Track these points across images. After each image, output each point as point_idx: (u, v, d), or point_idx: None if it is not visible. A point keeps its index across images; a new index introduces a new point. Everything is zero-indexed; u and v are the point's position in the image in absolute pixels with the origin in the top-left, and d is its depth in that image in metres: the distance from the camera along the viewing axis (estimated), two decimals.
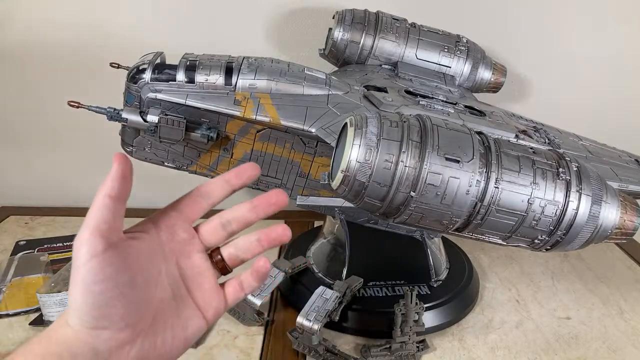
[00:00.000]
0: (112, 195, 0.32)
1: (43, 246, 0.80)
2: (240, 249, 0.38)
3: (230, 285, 0.38)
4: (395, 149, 0.46)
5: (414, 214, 0.48)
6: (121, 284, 0.31)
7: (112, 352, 0.32)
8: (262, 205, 0.38)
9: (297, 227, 0.89)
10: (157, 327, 0.34)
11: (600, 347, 0.63)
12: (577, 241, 0.50)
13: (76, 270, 0.31)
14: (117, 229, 0.32)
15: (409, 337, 0.57)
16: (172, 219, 0.37)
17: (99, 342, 0.31)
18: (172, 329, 0.35)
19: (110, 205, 0.31)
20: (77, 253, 0.31)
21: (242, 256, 0.38)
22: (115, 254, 0.31)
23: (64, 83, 0.87)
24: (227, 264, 0.38)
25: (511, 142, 0.52)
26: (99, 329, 0.31)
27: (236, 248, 0.38)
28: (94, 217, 0.31)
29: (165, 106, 0.56)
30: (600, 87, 0.95)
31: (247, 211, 0.38)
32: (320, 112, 0.56)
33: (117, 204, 0.32)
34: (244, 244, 0.38)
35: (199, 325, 0.36)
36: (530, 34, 0.91)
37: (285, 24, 0.87)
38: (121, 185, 0.32)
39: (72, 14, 0.84)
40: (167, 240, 0.36)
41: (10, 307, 0.65)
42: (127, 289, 0.32)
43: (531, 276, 0.78)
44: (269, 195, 0.38)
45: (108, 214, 0.31)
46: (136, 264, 0.33)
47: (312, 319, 0.56)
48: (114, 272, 0.31)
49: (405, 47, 0.73)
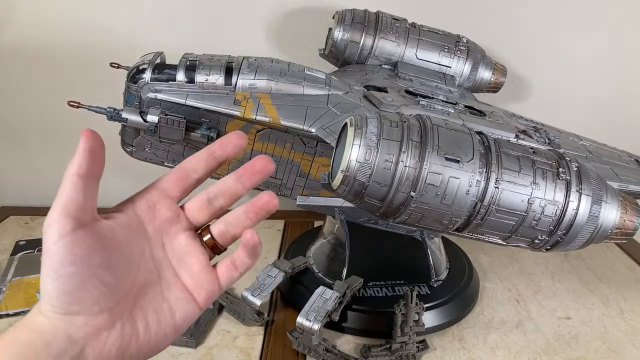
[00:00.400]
0: (80, 174, 0.30)
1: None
2: (230, 224, 0.36)
3: (222, 265, 0.36)
4: (395, 149, 0.46)
5: (414, 214, 0.48)
6: (94, 265, 0.30)
7: (88, 338, 0.30)
8: (247, 174, 0.36)
9: (297, 227, 0.89)
10: (139, 312, 0.32)
11: (600, 347, 0.63)
12: (577, 241, 0.50)
13: (45, 253, 0.29)
14: (89, 208, 0.30)
15: (409, 337, 0.57)
16: (153, 197, 0.35)
17: (72, 329, 0.30)
18: (157, 313, 0.33)
19: (78, 183, 0.30)
20: (45, 235, 0.29)
21: (232, 232, 0.36)
22: (86, 234, 0.30)
23: (64, 83, 0.87)
24: (218, 242, 0.36)
25: (511, 142, 0.52)
26: (71, 314, 0.30)
27: (225, 224, 0.36)
28: (62, 197, 0.29)
29: (165, 106, 0.56)
30: (600, 87, 0.95)
31: (232, 182, 0.36)
32: (320, 112, 0.56)
33: (86, 182, 0.30)
34: (232, 219, 0.36)
35: (189, 310, 0.34)
36: (530, 33, 0.91)
37: (285, 24, 0.87)
38: (90, 162, 0.30)
39: (72, 13, 0.84)
40: (148, 219, 0.34)
41: (10, 307, 0.65)
42: (101, 271, 0.30)
43: (531, 276, 0.78)
44: (253, 162, 0.36)
45: (76, 193, 0.30)
46: (112, 245, 0.31)
47: (312, 319, 0.56)
48: (84, 254, 0.29)
49: (405, 47, 0.73)
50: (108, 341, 0.31)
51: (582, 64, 0.93)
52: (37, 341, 0.29)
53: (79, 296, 0.29)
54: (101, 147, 0.31)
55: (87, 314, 0.30)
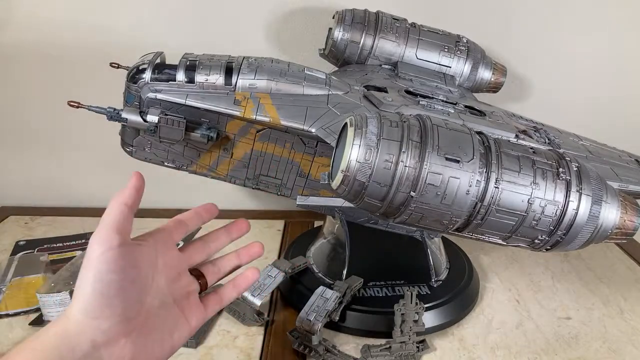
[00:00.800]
0: (127, 204, 0.37)
1: (43, 246, 0.80)
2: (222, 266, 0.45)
3: (211, 300, 0.43)
4: (395, 149, 0.46)
5: (414, 214, 0.48)
6: (127, 278, 0.35)
7: (109, 343, 0.34)
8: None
9: (297, 227, 0.89)
10: (148, 329, 0.37)
11: (600, 347, 0.63)
12: (577, 241, 0.50)
13: (89, 262, 0.34)
14: (128, 232, 0.37)
15: (409, 337, 0.57)
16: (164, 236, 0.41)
17: (98, 333, 0.34)
18: (161, 332, 0.38)
19: (125, 211, 0.36)
20: (93, 246, 0.35)
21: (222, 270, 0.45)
22: (126, 251, 0.35)
23: (64, 83, 0.87)
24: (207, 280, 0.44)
25: (511, 142, 0.52)
26: (101, 318, 0.34)
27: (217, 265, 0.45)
28: (112, 217, 0.36)
29: (165, 106, 0.56)
30: (600, 87, 0.95)
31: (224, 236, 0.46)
32: (320, 112, 0.56)
33: (129, 211, 0.37)
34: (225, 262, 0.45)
35: (184, 331, 0.40)
36: (530, 33, 0.91)
37: (285, 24, 0.87)
38: (135, 197, 0.37)
39: (72, 13, 0.84)
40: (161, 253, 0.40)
41: (10, 307, 0.65)
42: (130, 285, 0.36)
43: (531, 276, 0.78)
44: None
45: (122, 217, 0.36)
46: (139, 265, 0.37)
47: (312, 319, 0.56)
48: (124, 266, 0.35)
49: (405, 47, 0.73)
50: (125, 349, 0.35)
51: (582, 64, 0.93)
52: (62, 346, 0.33)
53: (112, 302, 0.34)
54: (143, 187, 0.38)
55: (114, 320, 0.34)
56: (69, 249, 0.80)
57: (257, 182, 0.63)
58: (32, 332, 0.61)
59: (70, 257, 0.76)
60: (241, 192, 0.98)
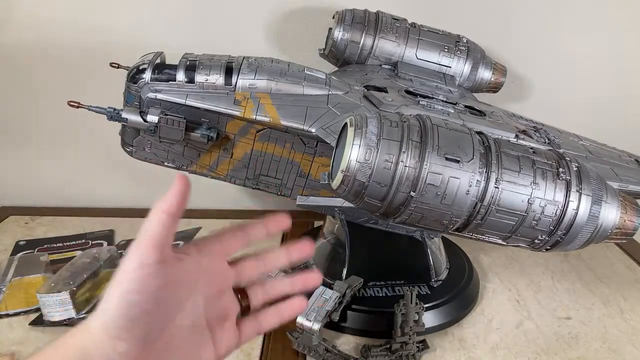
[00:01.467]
0: (169, 212, 0.32)
1: (43, 246, 0.80)
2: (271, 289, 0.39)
3: (248, 327, 0.38)
4: (395, 149, 0.46)
5: (414, 214, 0.48)
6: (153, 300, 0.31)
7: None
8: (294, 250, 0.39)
9: (297, 227, 0.89)
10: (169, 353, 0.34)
11: (600, 347, 0.63)
12: (577, 241, 0.50)
13: (121, 275, 0.31)
14: (168, 245, 0.33)
15: (409, 337, 0.57)
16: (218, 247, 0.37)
17: (115, 355, 0.31)
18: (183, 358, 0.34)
19: (166, 220, 0.32)
20: (128, 258, 0.31)
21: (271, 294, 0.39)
22: (161, 270, 0.32)
23: (64, 83, 0.87)
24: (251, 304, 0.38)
25: (511, 142, 0.52)
26: (120, 339, 0.31)
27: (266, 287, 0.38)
28: (151, 231, 0.32)
29: (165, 106, 0.56)
30: (600, 87, 0.95)
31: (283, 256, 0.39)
32: (320, 112, 0.56)
33: (172, 220, 0.32)
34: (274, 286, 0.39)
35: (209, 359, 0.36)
36: (530, 33, 0.91)
37: (285, 24, 0.87)
38: (179, 203, 0.33)
39: (72, 13, 0.84)
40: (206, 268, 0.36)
41: (10, 307, 0.65)
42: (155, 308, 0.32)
43: (531, 276, 0.78)
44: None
45: (163, 229, 0.32)
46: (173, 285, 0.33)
47: (312, 319, 0.56)
48: (154, 287, 0.31)
49: (405, 47, 0.73)
50: None
51: (582, 64, 0.93)
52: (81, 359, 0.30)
53: (134, 324, 0.31)
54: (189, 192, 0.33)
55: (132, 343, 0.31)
56: (69, 249, 0.80)
57: (257, 182, 0.63)
58: (32, 332, 0.61)
59: (70, 257, 0.76)
60: (241, 192, 0.98)
